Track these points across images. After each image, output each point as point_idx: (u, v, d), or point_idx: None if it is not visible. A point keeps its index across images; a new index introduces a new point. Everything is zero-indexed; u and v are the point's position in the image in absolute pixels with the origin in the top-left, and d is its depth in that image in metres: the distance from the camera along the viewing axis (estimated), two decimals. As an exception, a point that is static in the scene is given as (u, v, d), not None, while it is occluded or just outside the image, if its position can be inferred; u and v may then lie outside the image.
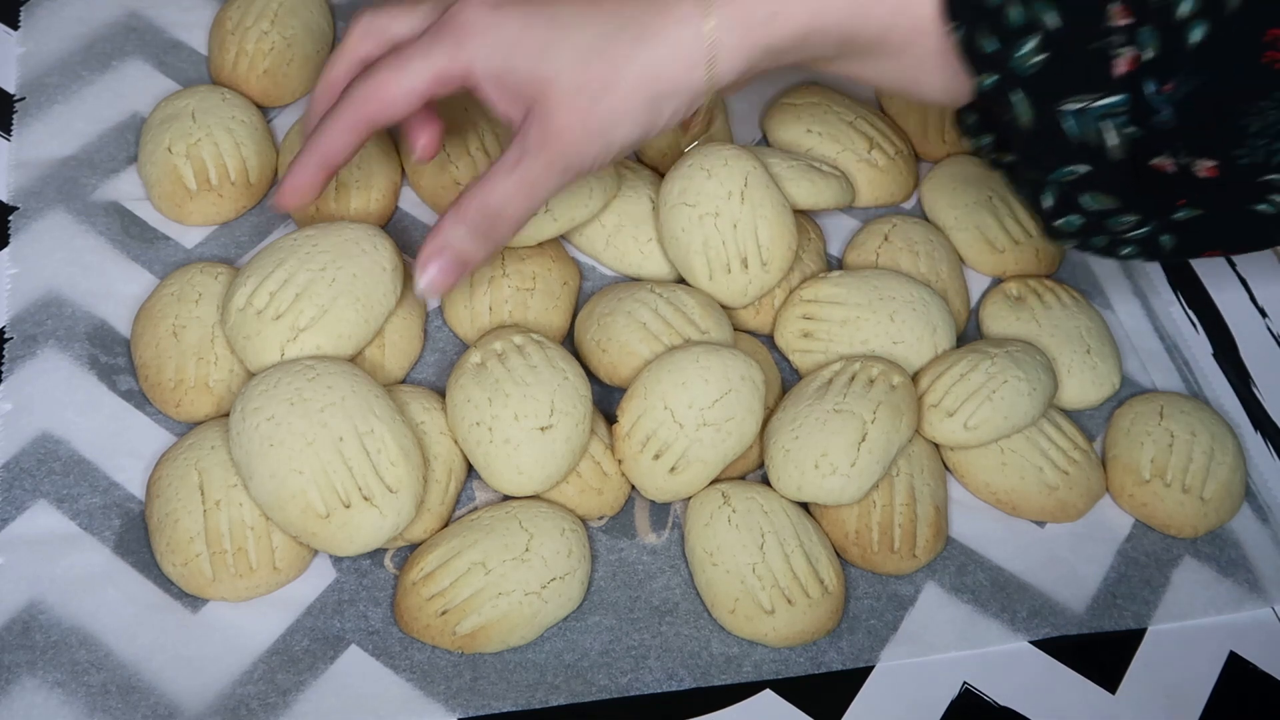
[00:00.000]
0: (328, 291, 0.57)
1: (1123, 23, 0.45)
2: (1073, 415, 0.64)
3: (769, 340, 0.65)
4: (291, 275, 0.57)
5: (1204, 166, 0.47)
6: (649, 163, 0.69)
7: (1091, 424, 0.65)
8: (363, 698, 0.53)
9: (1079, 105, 0.47)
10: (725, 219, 0.62)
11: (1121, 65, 0.46)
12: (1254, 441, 0.65)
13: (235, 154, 0.65)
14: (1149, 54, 0.45)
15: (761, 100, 0.73)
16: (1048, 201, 0.50)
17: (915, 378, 0.62)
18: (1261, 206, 0.48)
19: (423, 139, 0.57)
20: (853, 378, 0.60)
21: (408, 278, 0.60)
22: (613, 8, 0.50)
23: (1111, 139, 0.47)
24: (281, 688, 0.52)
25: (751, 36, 0.50)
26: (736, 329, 0.64)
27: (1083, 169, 0.48)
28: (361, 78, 0.52)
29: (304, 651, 0.54)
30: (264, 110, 0.69)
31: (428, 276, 0.52)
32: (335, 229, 0.59)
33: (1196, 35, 0.44)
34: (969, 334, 0.67)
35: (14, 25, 0.71)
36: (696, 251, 0.62)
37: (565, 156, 0.51)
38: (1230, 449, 0.63)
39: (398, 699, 0.53)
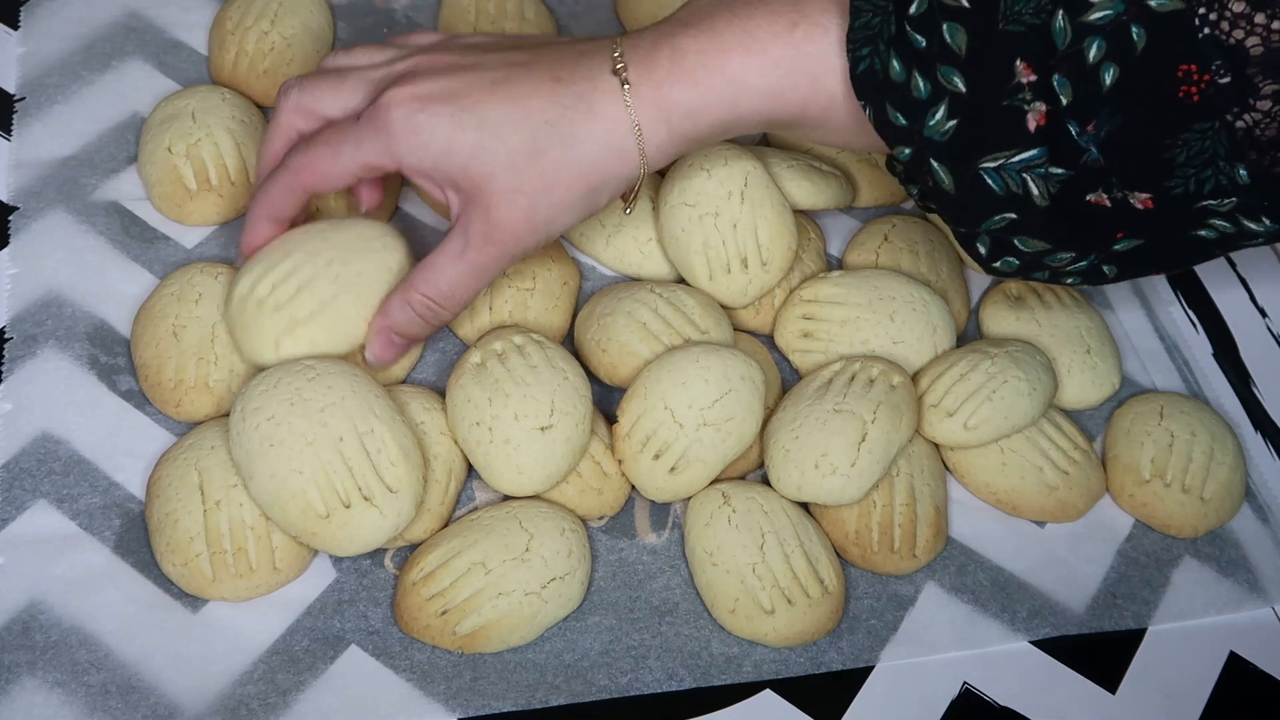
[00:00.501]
0: (330, 287, 0.57)
1: (1029, 79, 0.46)
2: (1073, 415, 0.64)
3: (769, 340, 0.65)
4: (297, 268, 0.57)
5: (1140, 199, 0.47)
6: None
7: (1091, 424, 0.65)
8: (363, 698, 0.53)
9: (997, 162, 0.48)
10: (725, 219, 0.62)
11: (1033, 120, 0.46)
12: (1254, 441, 0.65)
13: (235, 154, 0.65)
14: (1065, 99, 0.46)
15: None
16: (983, 248, 0.52)
17: (915, 378, 0.62)
18: (1202, 232, 0.48)
19: (365, 194, 0.60)
20: (853, 378, 0.60)
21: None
22: (538, 105, 0.52)
23: (1035, 188, 0.48)
24: (281, 688, 0.52)
25: (677, 131, 0.52)
26: (736, 329, 0.64)
27: (1011, 216, 0.49)
28: (298, 151, 0.55)
29: (304, 651, 0.54)
30: (264, 110, 0.69)
31: (374, 351, 0.57)
32: (349, 225, 0.59)
33: (1109, 77, 0.45)
34: (969, 334, 0.67)
35: (14, 25, 0.71)
36: (696, 251, 0.62)
37: (509, 247, 0.53)
38: (1230, 449, 0.63)
39: (398, 699, 0.53)
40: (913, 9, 0.47)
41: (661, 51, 0.52)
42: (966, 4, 0.46)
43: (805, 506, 0.59)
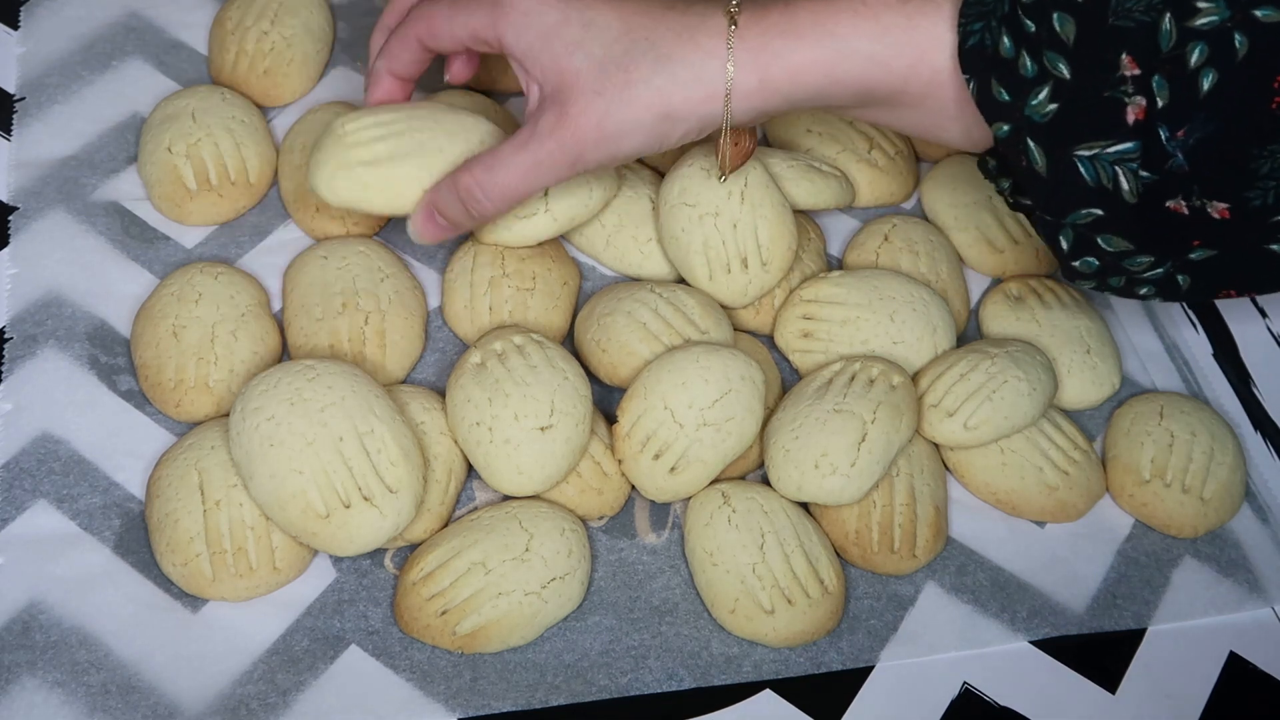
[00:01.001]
0: (407, 147, 0.57)
1: (1133, 72, 0.46)
2: (1073, 415, 0.64)
3: (769, 340, 0.65)
4: (391, 123, 0.58)
5: (1217, 208, 0.47)
6: (649, 163, 0.69)
7: (1091, 424, 0.65)
8: (363, 698, 0.53)
9: (1092, 151, 0.48)
10: (725, 219, 0.62)
11: (1133, 113, 0.47)
12: (1254, 441, 0.65)
13: (235, 154, 0.65)
14: (1161, 101, 0.46)
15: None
16: (1066, 243, 0.51)
17: (915, 378, 0.62)
18: (1275, 246, 0.49)
19: (456, 65, 0.61)
20: (853, 378, 0.60)
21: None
22: (646, 24, 0.52)
23: (1125, 183, 0.48)
24: (281, 688, 0.52)
25: (770, 84, 0.52)
26: (736, 329, 0.64)
27: (1098, 212, 0.49)
28: (419, 9, 0.56)
29: (304, 651, 0.54)
30: (264, 110, 0.69)
31: (415, 223, 0.57)
32: (459, 113, 0.59)
33: (1207, 83, 0.45)
34: (969, 334, 0.67)
35: (14, 25, 0.71)
36: (696, 251, 0.62)
37: (573, 150, 0.53)
38: (1230, 449, 0.63)
39: (398, 699, 0.53)
40: None
41: (775, 6, 0.52)
42: None
43: (805, 506, 0.59)
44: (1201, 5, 0.45)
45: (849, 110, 0.54)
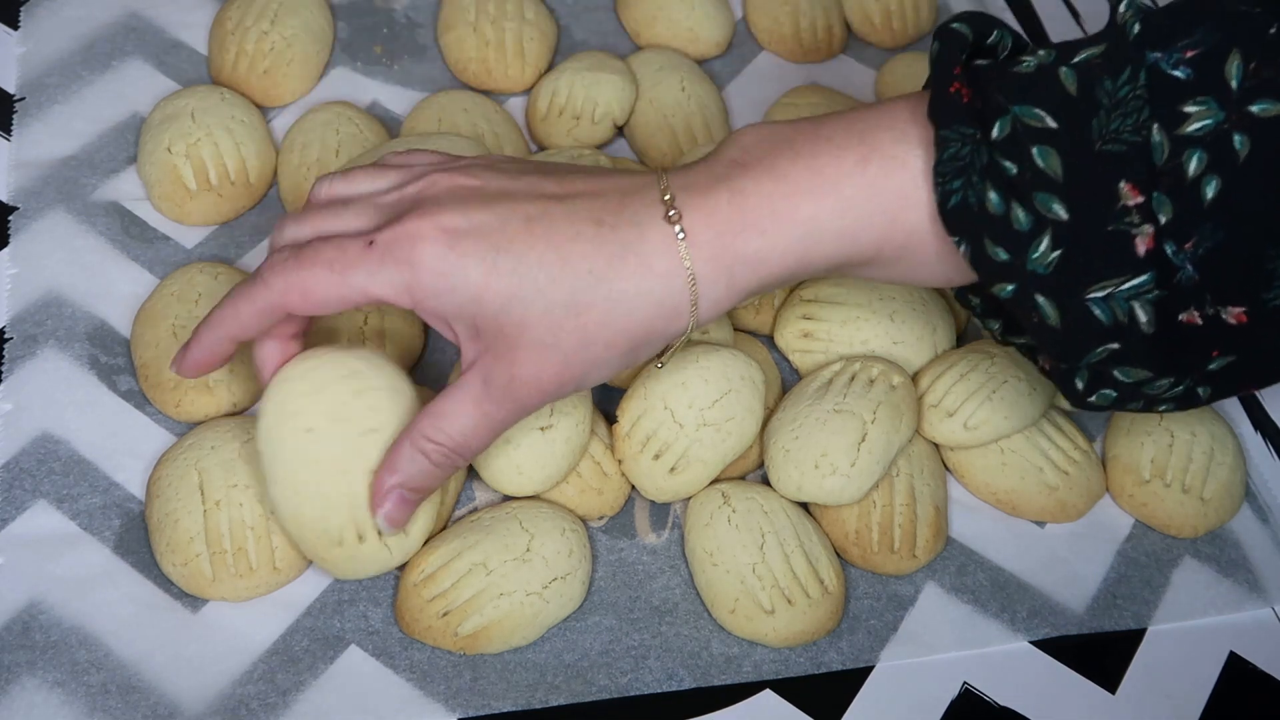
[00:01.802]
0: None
1: (1136, 201, 0.43)
2: (1073, 415, 0.64)
3: (769, 340, 0.65)
4: None
5: (1233, 314, 0.45)
6: (649, 163, 0.69)
7: (1091, 424, 0.65)
8: (363, 698, 0.53)
9: (1105, 291, 0.44)
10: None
11: (1143, 244, 0.44)
12: (1254, 441, 0.65)
13: (235, 154, 0.65)
14: (1164, 218, 0.43)
15: (761, 100, 0.73)
16: (1080, 383, 0.48)
17: (915, 378, 0.62)
18: None
19: (269, 361, 0.52)
20: (853, 378, 0.60)
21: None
22: (580, 252, 0.46)
23: (1141, 315, 0.45)
24: (281, 688, 0.52)
25: (735, 285, 0.48)
26: (736, 329, 0.64)
27: (1114, 346, 0.46)
28: (283, 265, 0.48)
29: (304, 651, 0.54)
30: (264, 110, 0.69)
31: (386, 511, 0.50)
32: (435, 139, 0.60)
33: (1211, 190, 0.43)
34: (969, 334, 0.67)
35: (14, 25, 0.71)
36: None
37: (532, 402, 0.49)
38: (1230, 449, 0.63)
39: (398, 699, 0.53)
40: (995, 133, 0.44)
41: (719, 195, 0.47)
42: (1053, 124, 0.43)
43: (805, 506, 0.59)
44: (1190, 110, 0.42)
45: (821, 275, 0.50)
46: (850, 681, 0.56)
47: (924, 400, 0.61)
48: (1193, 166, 0.43)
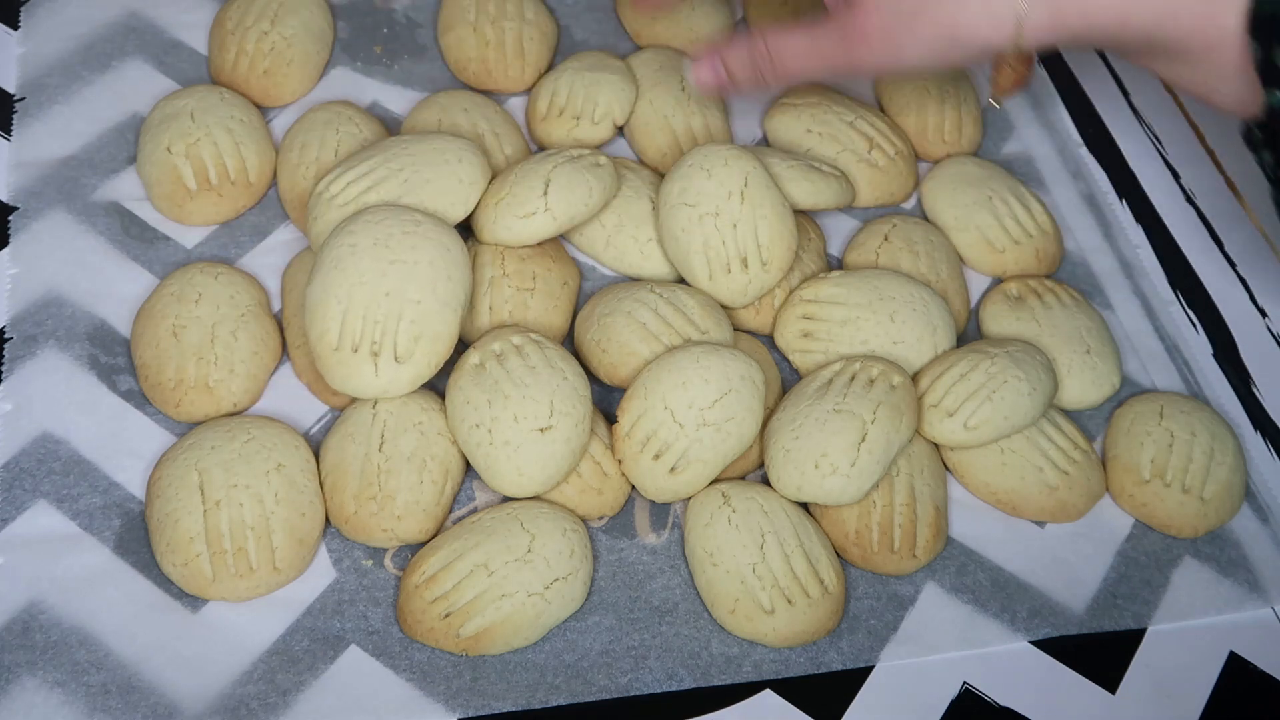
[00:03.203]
0: (396, 190, 0.60)
1: None
2: (1073, 415, 0.64)
3: (769, 340, 0.65)
4: (372, 170, 0.61)
5: None
6: (649, 163, 0.70)
7: (1091, 424, 0.65)
8: (363, 698, 0.53)
9: None
10: (725, 219, 0.62)
11: None
12: (1254, 441, 0.65)
13: (235, 154, 0.65)
14: None
15: (761, 100, 0.73)
16: None
17: (915, 378, 0.62)
18: None
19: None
20: (853, 378, 0.60)
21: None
22: None
23: None
24: (281, 688, 0.52)
25: (1061, 20, 0.52)
26: (736, 329, 0.64)
27: None
28: None
29: (304, 651, 0.54)
30: (264, 110, 0.69)
31: (697, 71, 0.61)
32: (432, 138, 0.62)
33: None
34: (969, 334, 0.67)
35: (14, 25, 0.71)
36: (696, 251, 0.62)
37: (855, 49, 0.56)
38: (1230, 449, 0.63)
39: (398, 699, 0.53)
40: None
41: None
42: None
43: (805, 507, 0.59)
44: None
45: (1132, 57, 0.55)
46: (850, 681, 0.56)
47: (924, 400, 0.61)
48: None
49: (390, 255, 0.57)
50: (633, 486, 0.59)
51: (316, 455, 0.58)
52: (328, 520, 0.57)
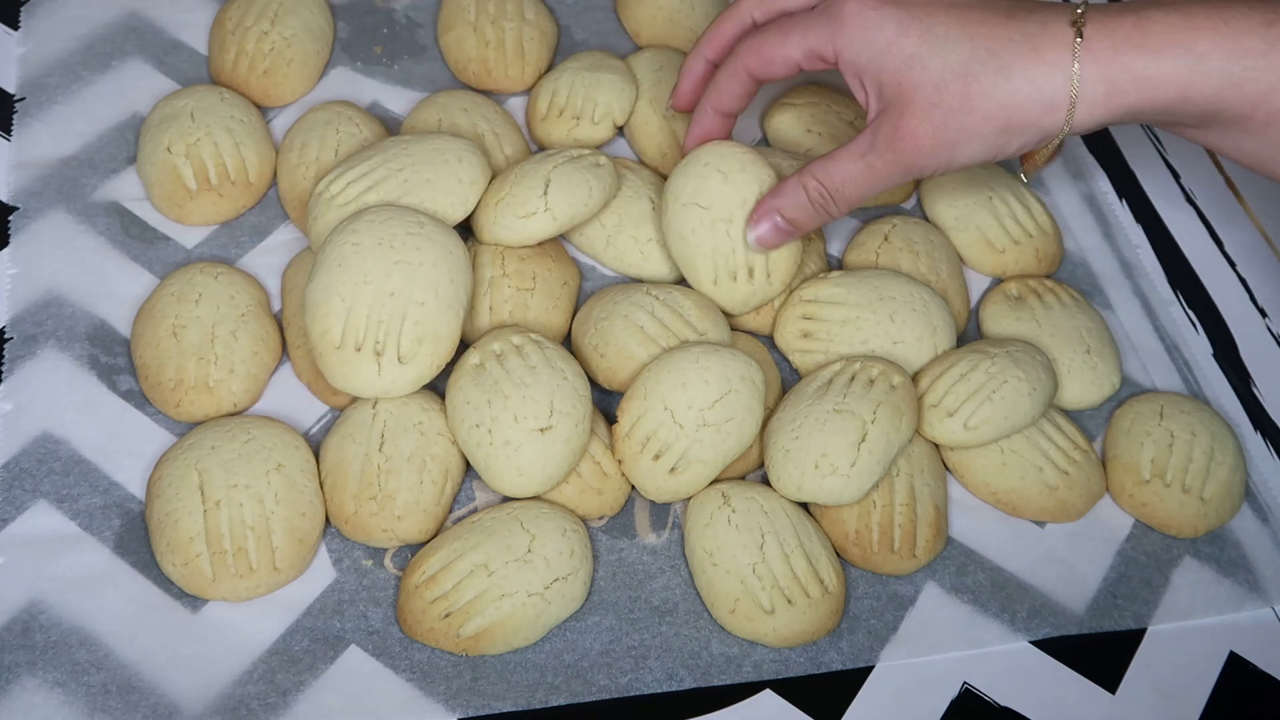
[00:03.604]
0: (395, 190, 0.60)
1: None
2: (1073, 415, 0.64)
3: (769, 340, 0.65)
4: (372, 170, 0.61)
5: None
6: (649, 163, 0.69)
7: (1091, 424, 0.65)
8: (363, 698, 0.53)
9: None
10: (737, 227, 0.61)
11: None
12: (1254, 441, 0.65)
13: (235, 153, 0.65)
14: None
15: (761, 99, 0.73)
16: None
17: (915, 378, 0.62)
18: None
19: (702, 130, 0.62)
20: (853, 378, 0.60)
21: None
22: (986, 33, 0.52)
23: None
24: (281, 688, 0.52)
25: (1116, 98, 0.51)
26: (736, 329, 0.64)
27: None
28: (750, 37, 0.58)
29: (304, 651, 0.54)
30: (264, 110, 0.69)
31: (759, 231, 0.59)
32: (432, 138, 0.63)
33: None
34: (969, 334, 0.67)
35: (14, 25, 0.71)
36: (705, 255, 0.62)
37: (910, 159, 0.54)
38: (1230, 449, 0.63)
39: (398, 699, 0.53)
40: None
41: (1126, 19, 0.51)
42: None
43: (805, 506, 0.59)
44: None
45: (1185, 130, 0.54)
46: (850, 681, 0.56)
47: (924, 400, 0.61)
48: None
49: (394, 255, 0.57)
50: (632, 486, 0.59)
51: (316, 455, 0.58)
52: (328, 520, 0.57)
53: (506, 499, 0.58)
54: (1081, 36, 0.51)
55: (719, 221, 0.61)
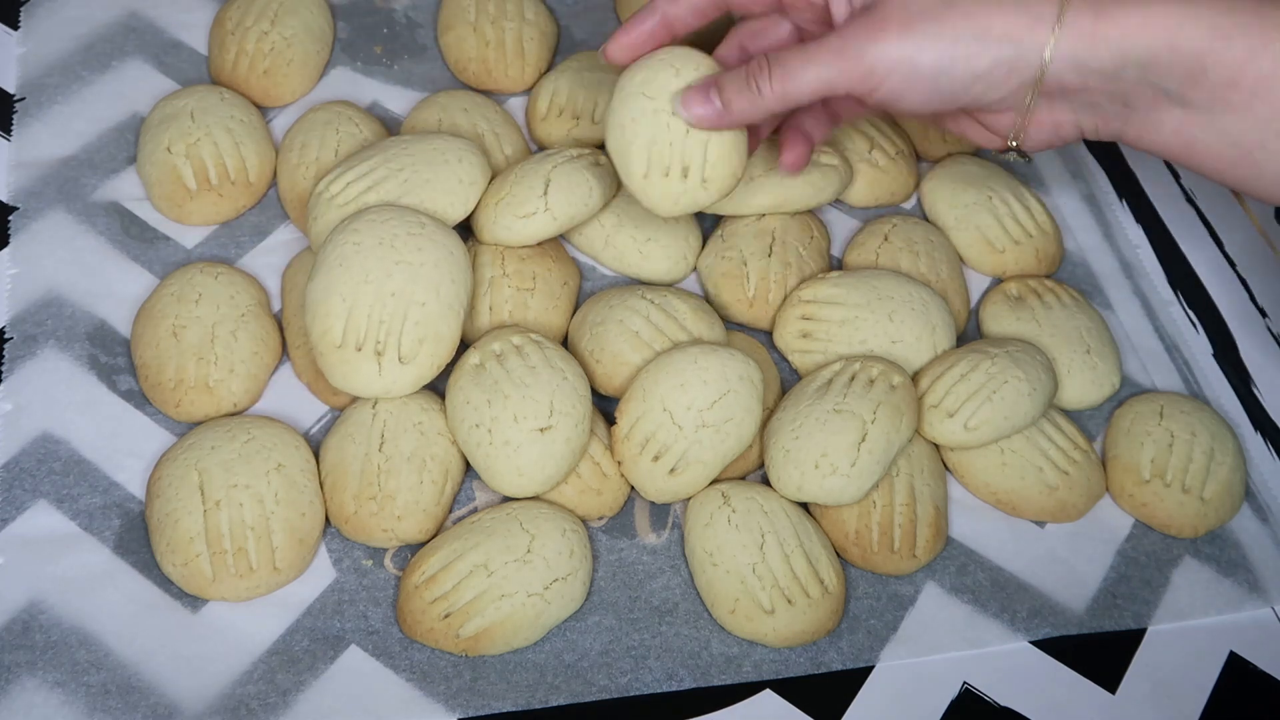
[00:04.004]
0: (395, 190, 0.60)
1: None
2: (1073, 415, 0.64)
3: (769, 340, 0.65)
4: (372, 170, 0.61)
5: None
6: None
7: (1091, 424, 0.65)
8: (363, 698, 0.53)
9: None
10: (679, 123, 0.56)
11: None
12: (1254, 441, 0.65)
13: (235, 153, 0.65)
14: None
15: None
16: None
17: (915, 378, 0.62)
18: None
19: (790, 156, 0.60)
20: (853, 378, 0.60)
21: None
22: None
23: None
24: (281, 688, 0.52)
25: (1101, 33, 0.49)
26: (733, 326, 0.64)
27: None
28: None
29: (304, 651, 0.54)
30: (264, 110, 0.69)
31: (688, 96, 0.54)
32: (433, 138, 0.63)
33: None
34: (969, 334, 0.67)
35: (14, 25, 0.71)
36: (640, 146, 0.57)
37: (871, 53, 0.51)
38: (1230, 449, 0.63)
39: (398, 699, 0.53)
40: None
41: None
42: None
43: (805, 506, 0.59)
44: None
45: (1165, 105, 0.51)
46: (850, 681, 0.56)
47: (924, 400, 0.61)
48: None
49: (395, 256, 0.57)
50: (632, 487, 0.59)
51: (316, 455, 0.58)
52: (328, 520, 0.57)
53: (506, 499, 0.58)
54: None
55: (661, 113, 0.56)
